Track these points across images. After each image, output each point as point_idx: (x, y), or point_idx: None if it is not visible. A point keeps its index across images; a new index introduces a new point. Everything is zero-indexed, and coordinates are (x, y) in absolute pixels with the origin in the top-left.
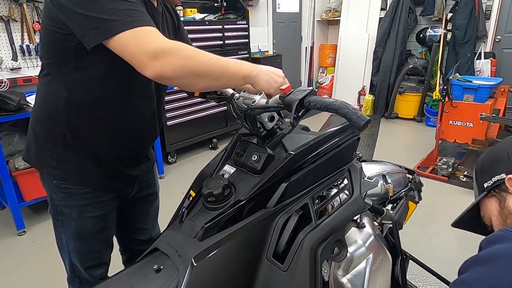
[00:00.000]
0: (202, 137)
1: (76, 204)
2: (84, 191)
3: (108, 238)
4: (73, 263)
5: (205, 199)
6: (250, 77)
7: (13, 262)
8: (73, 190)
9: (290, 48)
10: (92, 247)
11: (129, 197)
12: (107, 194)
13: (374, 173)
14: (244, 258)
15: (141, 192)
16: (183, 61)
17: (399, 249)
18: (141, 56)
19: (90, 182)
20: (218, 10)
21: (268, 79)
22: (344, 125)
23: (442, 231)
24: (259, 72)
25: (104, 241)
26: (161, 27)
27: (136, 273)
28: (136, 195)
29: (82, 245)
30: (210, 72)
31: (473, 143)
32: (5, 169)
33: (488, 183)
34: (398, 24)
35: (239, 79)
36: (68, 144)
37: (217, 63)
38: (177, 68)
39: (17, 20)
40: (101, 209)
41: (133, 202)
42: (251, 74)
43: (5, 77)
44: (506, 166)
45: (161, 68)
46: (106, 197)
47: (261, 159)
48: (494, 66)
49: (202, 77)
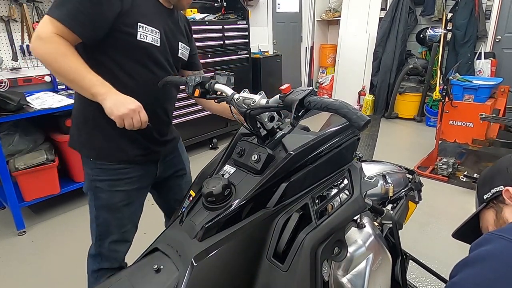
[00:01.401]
0: (202, 137)
1: (108, 179)
2: (114, 167)
3: (132, 215)
4: (99, 237)
5: (205, 199)
6: (97, 97)
7: (13, 262)
8: (105, 166)
9: (290, 48)
10: (118, 221)
11: (156, 177)
12: (134, 172)
13: (374, 173)
14: (244, 258)
15: (166, 171)
16: (46, 54)
17: (399, 249)
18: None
19: (118, 158)
20: (218, 10)
21: (112, 105)
22: (344, 125)
23: (442, 231)
24: (107, 97)
25: (129, 217)
26: (173, 28)
27: (136, 273)
28: (162, 175)
29: (109, 218)
30: (63, 74)
31: (473, 143)
32: (5, 169)
33: (487, 194)
34: (398, 24)
35: (89, 94)
36: (96, 125)
37: (74, 72)
38: (41, 54)
39: (17, 20)
40: (129, 185)
41: (163, 181)
42: (98, 97)
43: (5, 77)
44: (504, 179)
45: (32, 48)
46: (134, 174)
47: (261, 159)
48: (494, 66)
49: (57, 74)
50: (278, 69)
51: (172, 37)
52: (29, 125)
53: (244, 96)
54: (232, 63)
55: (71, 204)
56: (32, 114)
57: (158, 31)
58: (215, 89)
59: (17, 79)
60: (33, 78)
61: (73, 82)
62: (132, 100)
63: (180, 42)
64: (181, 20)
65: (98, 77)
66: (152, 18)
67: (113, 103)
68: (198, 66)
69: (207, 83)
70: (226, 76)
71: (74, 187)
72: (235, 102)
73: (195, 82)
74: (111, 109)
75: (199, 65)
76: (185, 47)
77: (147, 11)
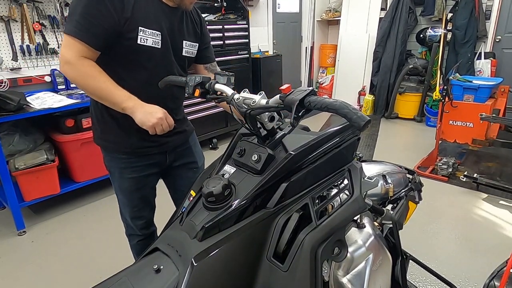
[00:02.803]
0: (202, 137)
1: (118, 167)
2: (121, 157)
3: (143, 197)
4: (121, 212)
5: (205, 199)
6: (126, 111)
7: (13, 262)
8: (114, 155)
9: (290, 48)
10: (131, 202)
11: (166, 166)
12: (141, 161)
13: (374, 173)
14: (244, 258)
15: (177, 161)
16: (77, 78)
17: (399, 249)
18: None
19: (124, 150)
20: (218, 10)
21: (142, 117)
22: (344, 125)
23: (442, 231)
24: (136, 110)
25: (140, 199)
26: (177, 27)
27: (136, 273)
28: (173, 164)
29: (124, 198)
30: (94, 93)
31: (473, 143)
32: (5, 169)
33: None
34: (398, 24)
35: (119, 109)
36: (106, 122)
37: (104, 91)
38: (72, 78)
39: (17, 20)
40: (136, 172)
41: (173, 170)
42: (127, 111)
43: (5, 77)
44: None
45: (63, 71)
46: (140, 163)
47: (261, 159)
48: (494, 66)
49: (89, 93)
50: (278, 69)
51: (175, 36)
52: (29, 125)
53: (244, 96)
54: (232, 63)
55: (71, 204)
56: (32, 114)
57: (159, 32)
58: (215, 89)
59: (17, 79)
60: (33, 78)
61: (104, 99)
62: (157, 108)
63: (185, 40)
64: (189, 17)
65: (125, 92)
66: (153, 20)
67: (142, 115)
68: (210, 59)
69: (207, 83)
70: (226, 76)
71: (74, 187)
72: (235, 102)
73: (195, 82)
74: (142, 120)
75: (211, 57)
76: (191, 45)
77: (148, 13)
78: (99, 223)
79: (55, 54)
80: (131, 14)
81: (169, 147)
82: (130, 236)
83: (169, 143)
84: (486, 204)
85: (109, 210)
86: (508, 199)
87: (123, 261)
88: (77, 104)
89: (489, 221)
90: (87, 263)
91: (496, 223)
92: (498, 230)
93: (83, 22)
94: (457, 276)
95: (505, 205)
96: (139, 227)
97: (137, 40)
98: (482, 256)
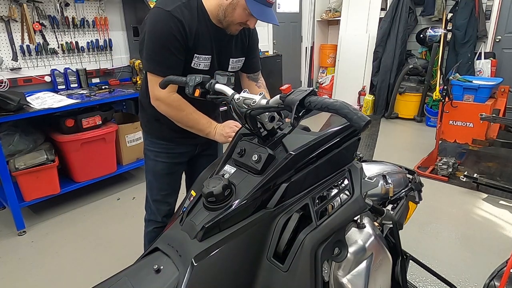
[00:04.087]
0: None
1: (154, 150)
2: (160, 142)
3: (172, 182)
4: (148, 194)
5: (205, 199)
6: (209, 136)
7: (13, 262)
8: (153, 140)
9: (290, 48)
10: (160, 184)
11: (194, 155)
12: (176, 149)
13: (375, 173)
14: (244, 258)
15: (204, 151)
16: (168, 111)
17: (399, 249)
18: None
19: (164, 138)
20: None
21: (220, 136)
22: (344, 125)
23: (442, 231)
24: (215, 134)
25: (169, 184)
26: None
27: (136, 273)
28: (200, 153)
29: (153, 180)
30: (183, 123)
31: (473, 143)
32: (5, 169)
33: None
34: (398, 24)
35: (204, 135)
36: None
37: (191, 121)
38: (163, 111)
39: (17, 20)
40: (169, 158)
41: (198, 159)
42: (209, 136)
43: (5, 77)
44: None
45: (155, 106)
46: (175, 150)
47: (261, 159)
48: (494, 66)
49: (178, 123)
50: (278, 69)
51: (222, 56)
52: (29, 125)
53: (245, 96)
54: None
55: (71, 204)
56: (32, 114)
57: (209, 56)
58: (216, 89)
59: (17, 79)
60: (33, 78)
61: (191, 128)
62: (228, 126)
63: (232, 58)
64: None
65: (206, 119)
66: (207, 45)
67: (220, 136)
68: (253, 69)
69: (208, 83)
70: (226, 76)
71: (74, 187)
72: (236, 102)
73: (195, 82)
74: (222, 140)
75: (255, 67)
76: (238, 60)
77: (204, 40)
78: (99, 223)
79: (55, 54)
80: (193, 44)
81: (202, 140)
82: (149, 221)
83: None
84: (486, 204)
85: (109, 210)
86: (508, 199)
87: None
88: (77, 104)
89: (489, 221)
90: (87, 263)
91: (496, 223)
92: (498, 230)
93: (163, 60)
94: (457, 276)
95: (505, 205)
96: (162, 213)
97: (191, 64)
98: (482, 256)
